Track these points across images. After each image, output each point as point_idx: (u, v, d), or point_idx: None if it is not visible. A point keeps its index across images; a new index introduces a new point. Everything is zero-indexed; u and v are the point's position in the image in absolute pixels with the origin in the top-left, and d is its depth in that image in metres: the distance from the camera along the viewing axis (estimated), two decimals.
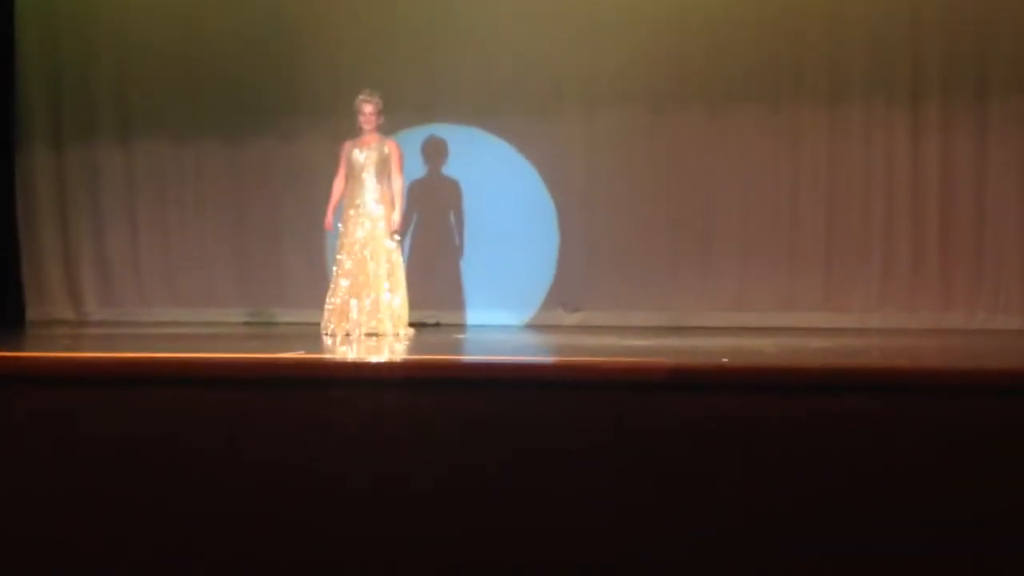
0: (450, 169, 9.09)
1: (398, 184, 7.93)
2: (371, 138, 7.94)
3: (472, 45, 9.09)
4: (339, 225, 7.94)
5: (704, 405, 4.02)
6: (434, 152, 9.06)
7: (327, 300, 7.88)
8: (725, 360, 5.08)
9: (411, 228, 9.00)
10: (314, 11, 9.28)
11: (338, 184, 8.02)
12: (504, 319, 8.96)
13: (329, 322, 7.81)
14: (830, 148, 8.85)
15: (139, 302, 9.50)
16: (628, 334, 7.65)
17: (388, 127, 8.04)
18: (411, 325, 7.92)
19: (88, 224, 9.57)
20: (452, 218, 9.08)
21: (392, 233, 7.86)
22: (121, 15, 9.52)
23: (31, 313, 9.51)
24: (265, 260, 9.37)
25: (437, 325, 8.84)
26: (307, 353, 5.72)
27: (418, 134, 9.05)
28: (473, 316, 9.07)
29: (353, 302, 7.76)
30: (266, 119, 9.29)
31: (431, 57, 9.10)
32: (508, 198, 9.09)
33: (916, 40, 8.71)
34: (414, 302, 7.98)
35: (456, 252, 9.07)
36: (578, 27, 9.00)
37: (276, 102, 9.24)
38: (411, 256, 8.89)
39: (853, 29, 8.79)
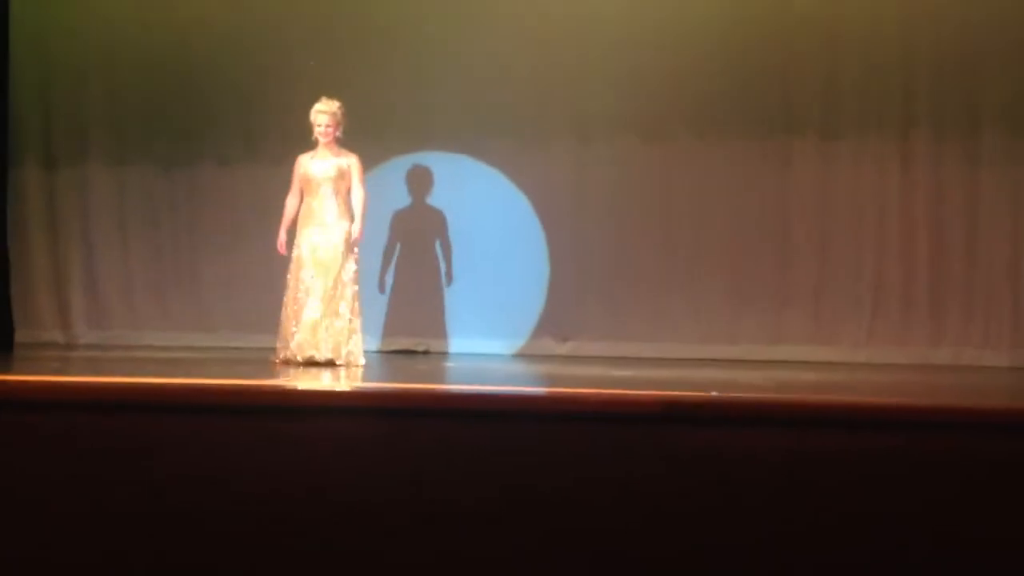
0: (439, 197, 9.07)
1: (360, 195, 7.54)
2: (328, 151, 7.60)
3: (462, 74, 9.07)
4: (298, 248, 7.61)
5: (698, 439, 4.01)
6: (423, 180, 9.05)
7: (281, 324, 7.55)
8: (714, 393, 5.06)
9: (398, 255, 8.98)
10: (306, 39, 9.25)
11: (291, 202, 7.68)
12: (494, 348, 8.91)
13: (287, 347, 7.48)
14: (821, 180, 8.84)
15: (129, 325, 9.42)
16: (618, 365, 7.63)
17: (378, 155, 7.97)
18: (400, 352, 7.81)
19: (78, 246, 9.51)
20: (441, 246, 9.04)
21: (351, 246, 7.50)
22: (112, 37, 9.47)
23: (20, 336, 9.43)
24: (258, 283, 9.25)
25: (426, 353, 8.81)
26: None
27: (407, 162, 9.05)
28: (462, 344, 9.02)
29: (300, 328, 7.44)
30: (257, 142, 9.26)
31: (421, 86, 9.09)
32: (498, 226, 9.07)
33: (907, 74, 8.72)
34: (404, 329, 7.92)
35: (445, 280, 9.04)
36: (568, 55, 9.00)
37: (268, 125, 9.19)
38: (400, 283, 8.86)
39: (844, 62, 8.80)
